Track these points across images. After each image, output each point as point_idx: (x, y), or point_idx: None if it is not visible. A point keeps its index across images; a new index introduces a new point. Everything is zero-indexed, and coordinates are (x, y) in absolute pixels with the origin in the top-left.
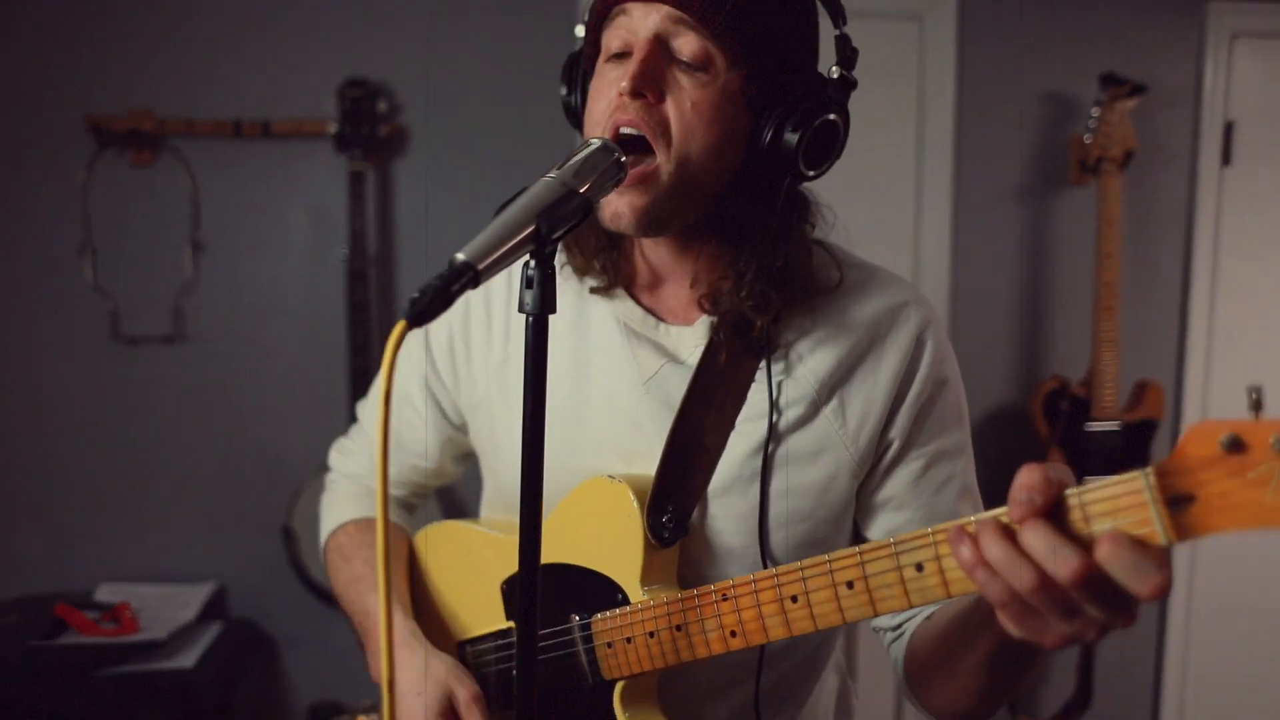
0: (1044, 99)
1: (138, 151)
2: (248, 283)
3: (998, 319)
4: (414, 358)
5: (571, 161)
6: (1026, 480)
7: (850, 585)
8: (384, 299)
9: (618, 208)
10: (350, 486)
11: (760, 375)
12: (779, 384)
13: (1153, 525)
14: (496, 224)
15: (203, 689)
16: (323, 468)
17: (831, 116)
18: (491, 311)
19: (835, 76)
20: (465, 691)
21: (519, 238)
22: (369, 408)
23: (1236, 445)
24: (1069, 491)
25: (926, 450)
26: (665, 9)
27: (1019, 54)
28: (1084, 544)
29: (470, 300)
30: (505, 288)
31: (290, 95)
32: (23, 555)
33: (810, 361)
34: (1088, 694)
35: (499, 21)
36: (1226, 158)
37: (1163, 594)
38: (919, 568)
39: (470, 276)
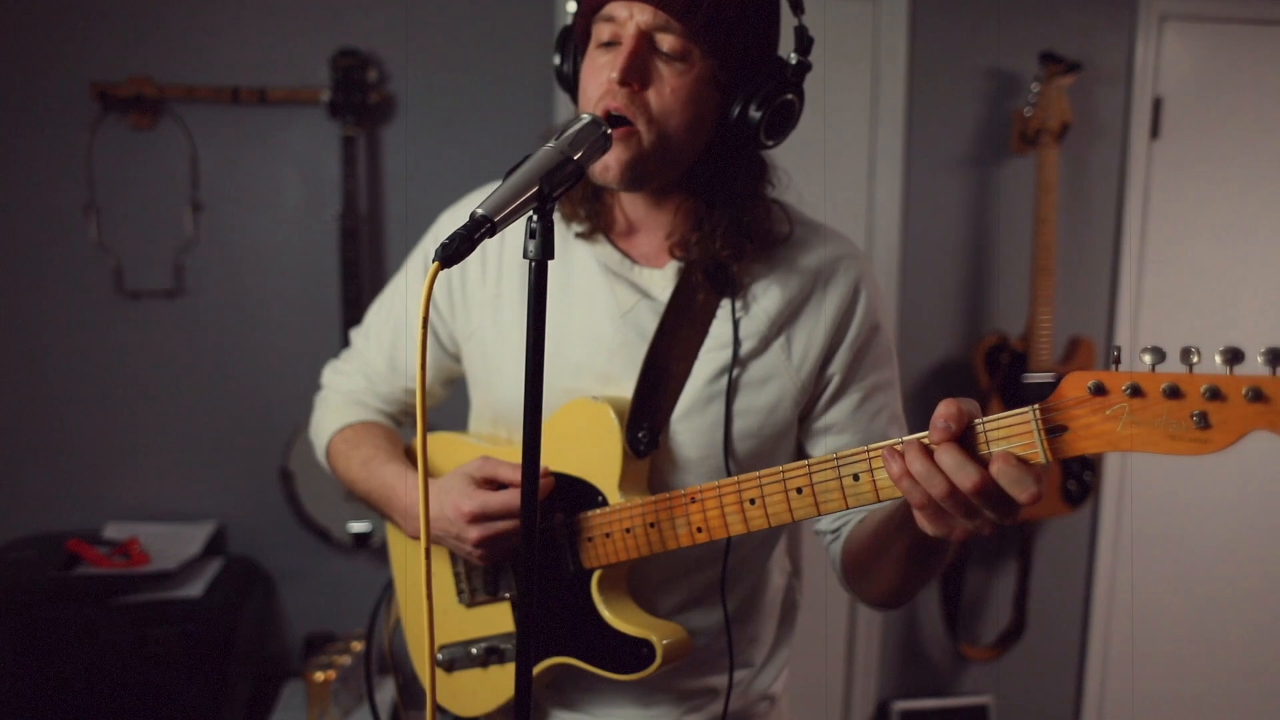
0: (988, 75)
1: (140, 116)
2: (245, 240)
3: (944, 279)
4: (416, 290)
5: (567, 133)
6: (944, 411)
7: (799, 491)
8: (374, 255)
9: (606, 161)
10: (343, 400)
11: (721, 312)
12: (737, 321)
13: (1036, 448)
14: (507, 185)
15: (210, 616)
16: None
17: (789, 96)
18: (485, 252)
19: (794, 62)
20: (475, 464)
21: (526, 196)
22: (363, 333)
23: (1100, 389)
24: (976, 421)
25: (864, 384)
26: (650, 9)
27: (966, 33)
28: (983, 462)
29: None
30: (498, 237)
31: (285, 64)
32: (34, 495)
33: (764, 302)
34: (1022, 624)
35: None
36: (1155, 131)
37: (1036, 501)
38: (855, 478)
39: (488, 227)
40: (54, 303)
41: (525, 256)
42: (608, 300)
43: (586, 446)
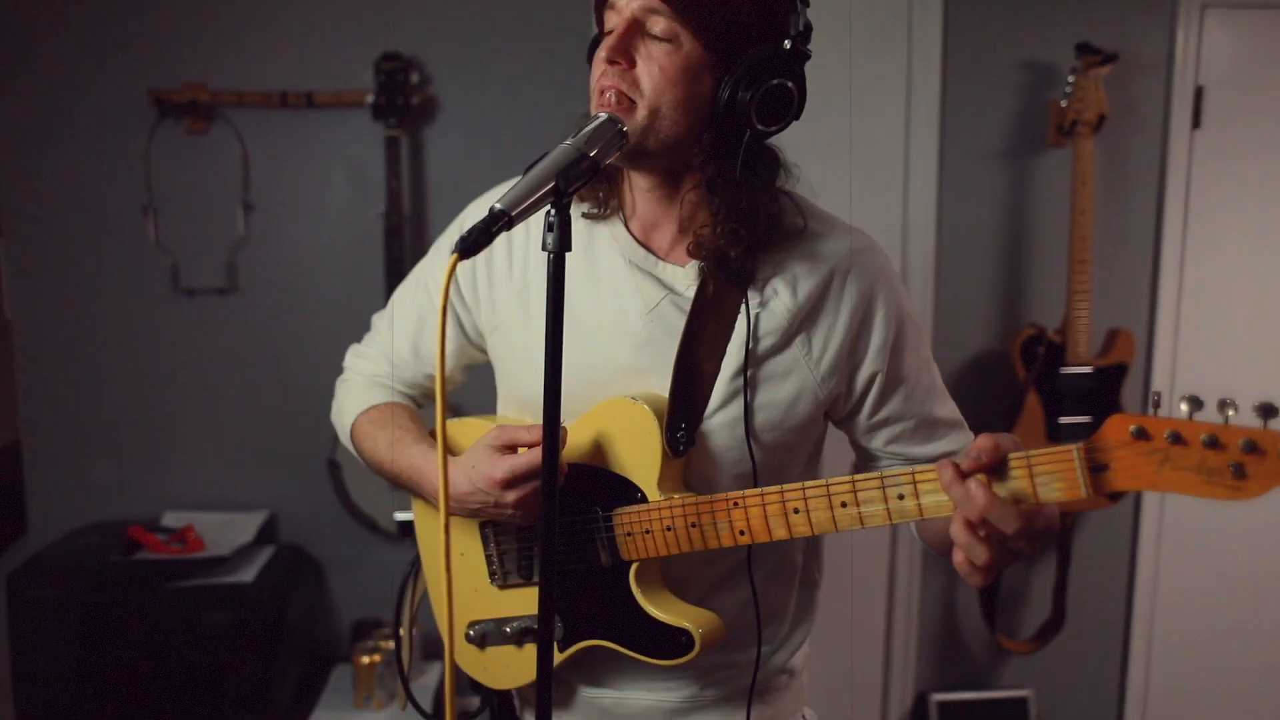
0: (1024, 67)
1: (194, 121)
2: (293, 239)
3: (980, 271)
4: (438, 279)
5: (584, 131)
6: (981, 443)
7: (844, 505)
8: (417, 252)
9: None
10: (367, 382)
11: (744, 308)
12: (757, 316)
13: (1079, 484)
14: (525, 180)
15: (261, 600)
16: None
17: (784, 81)
18: (513, 246)
19: (788, 48)
20: (497, 431)
21: (543, 191)
22: (386, 319)
23: (1142, 434)
24: (1016, 455)
25: (908, 374)
26: None
27: (1001, 24)
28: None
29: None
30: (523, 226)
31: (331, 69)
32: (98, 485)
33: (784, 296)
34: (1061, 616)
35: (520, 2)
36: (1197, 121)
37: (1024, 537)
38: (900, 496)
39: (505, 221)
40: (114, 300)
41: (544, 249)
42: (634, 295)
43: (626, 445)
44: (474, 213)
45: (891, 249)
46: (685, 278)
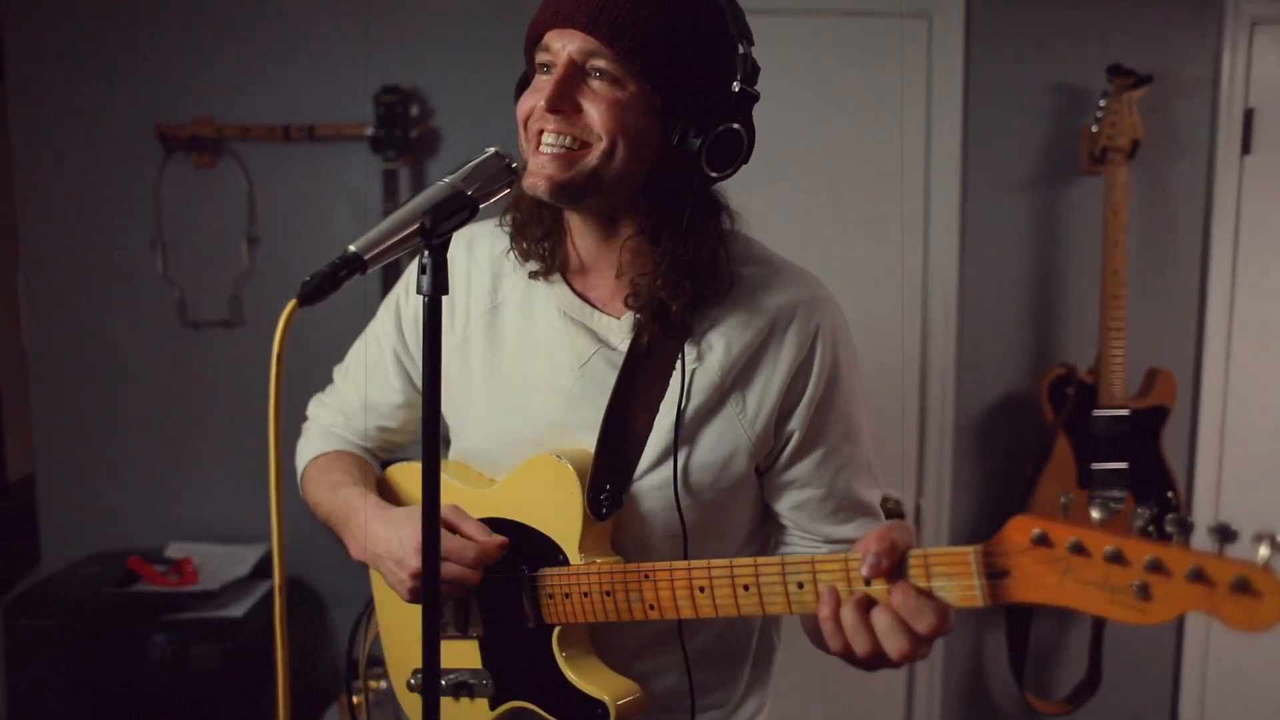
0: (1053, 90)
1: (200, 155)
2: (298, 272)
3: (1006, 307)
4: (387, 331)
5: (465, 167)
6: (875, 546)
7: (746, 588)
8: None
9: (536, 180)
10: (322, 432)
11: (679, 364)
12: (692, 371)
13: (975, 590)
14: (387, 221)
15: (250, 636)
16: None
17: (733, 125)
18: (455, 295)
19: (737, 90)
20: (445, 509)
21: (406, 232)
22: (343, 371)
23: (1043, 540)
24: (915, 551)
25: (827, 438)
26: (580, 35)
27: (1027, 47)
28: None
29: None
30: (464, 277)
31: (333, 101)
32: (104, 514)
33: (719, 350)
34: (1097, 676)
35: (519, 33)
36: (1246, 146)
37: (936, 634)
38: (799, 585)
39: (358, 265)
40: (124, 333)
41: (418, 292)
42: (566, 350)
43: (550, 504)
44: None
45: (911, 283)
46: (620, 330)
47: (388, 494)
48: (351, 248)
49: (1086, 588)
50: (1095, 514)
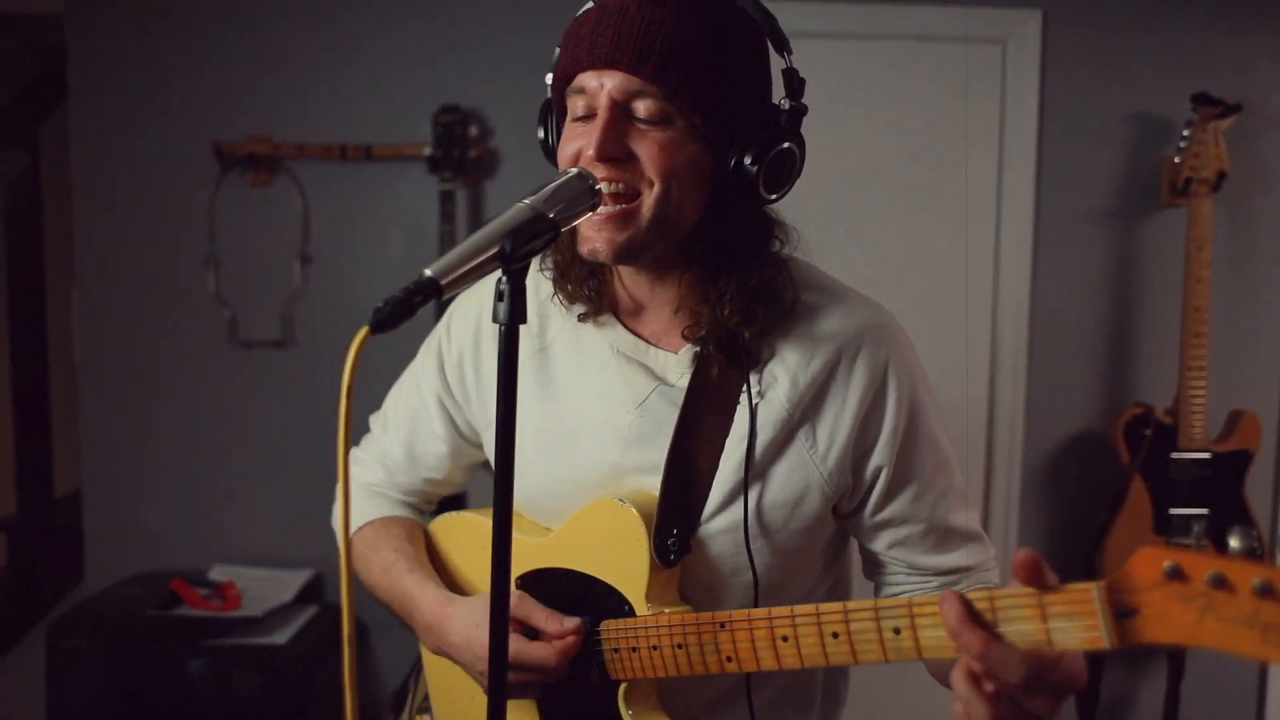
0: (1132, 120)
1: (256, 173)
2: (349, 293)
3: (1079, 343)
4: (429, 377)
5: (546, 188)
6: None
7: (835, 636)
8: None
9: (595, 244)
10: (364, 492)
11: (744, 397)
12: (756, 406)
13: (1100, 631)
14: (465, 244)
15: (291, 665)
16: None
17: (786, 145)
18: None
19: (786, 107)
20: (516, 601)
21: (484, 256)
22: (381, 422)
23: (1176, 574)
24: (1026, 592)
25: (918, 472)
26: (621, 75)
27: (1106, 75)
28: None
29: (482, 323)
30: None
31: (391, 121)
32: (150, 534)
33: (784, 382)
34: None
35: None
36: None
37: (1024, 685)
38: (896, 631)
39: (433, 291)
40: (174, 351)
41: (494, 320)
42: (622, 389)
43: (615, 552)
44: (461, 305)
45: (980, 317)
46: (678, 365)
47: (432, 551)
48: (427, 272)
49: (1232, 627)
50: (1235, 543)
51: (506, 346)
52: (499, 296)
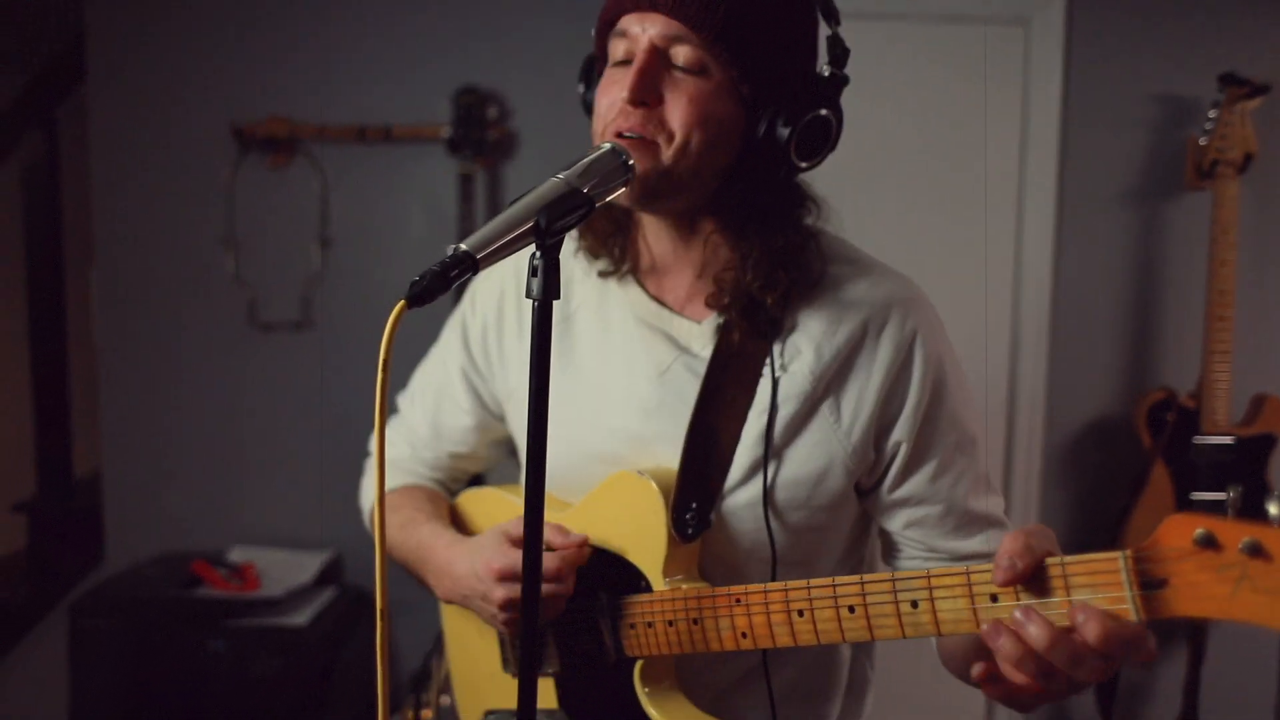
0: (1157, 101)
1: (275, 154)
2: (368, 275)
3: (1102, 326)
4: (454, 350)
5: (579, 163)
6: (1010, 547)
7: (851, 610)
8: None
9: None
10: (389, 469)
11: (766, 370)
12: (778, 380)
13: (1126, 603)
14: (499, 218)
15: (311, 646)
16: None
17: (822, 112)
18: (523, 307)
19: (826, 75)
20: (514, 522)
21: (519, 231)
22: (408, 398)
23: (1208, 542)
24: (1052, 560)
25: (939, 449)
26: (662, 19)
27: (1131, 55)
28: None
29: (505, 295)
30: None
31: (409, 102)
32: (171, 515)
33: (808, 355)
34: (1193, 718)
35: None
36: None
37: (1141, 659)
38: (914, 604)
39: (469, 265)
40: (193, 333)
41: (528, 296)
42: (644, 358)
43: (631, 524)
44: (484, 282)
45: (1002, 298)
46: (701, 335)
47: (459, 525)
48: (463, 246)
49: (1270, 598)
50: (1273, 509)
51: (539, 322)
52: (533, 272)
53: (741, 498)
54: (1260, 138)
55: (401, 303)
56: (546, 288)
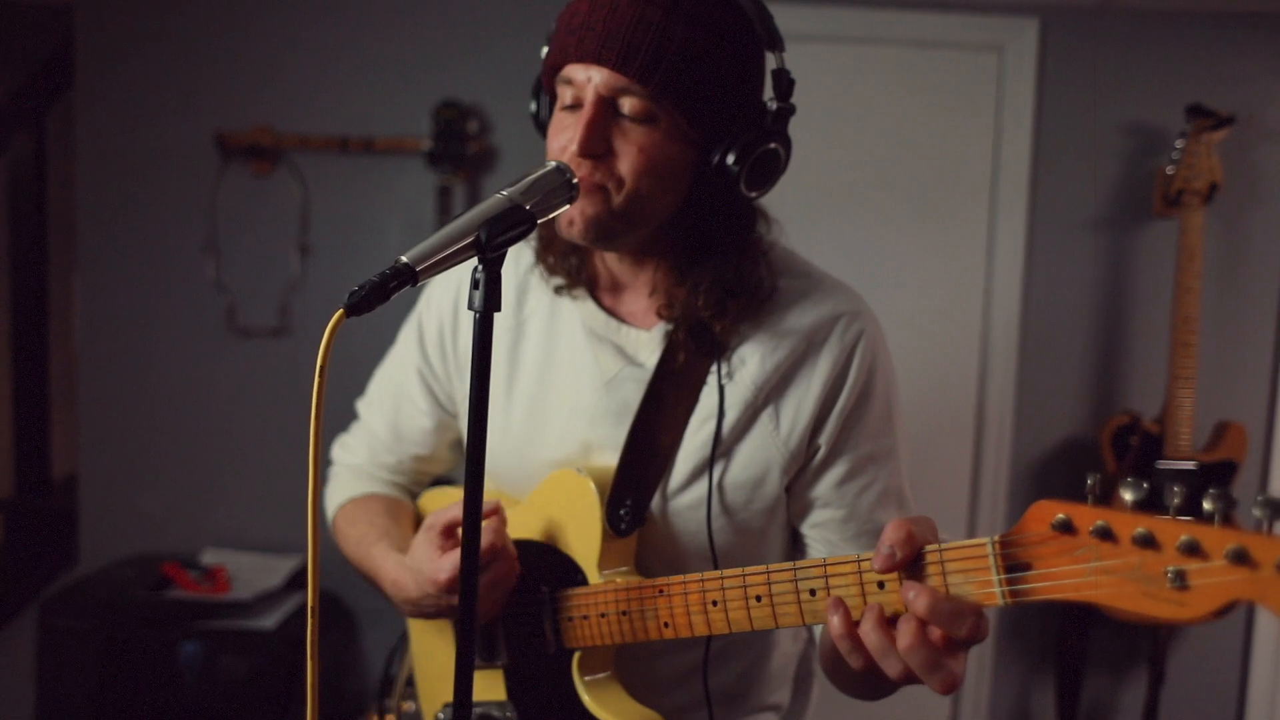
0: (1126, 130)
1: (259, 163)
2: (347, 284)
3: (1069, 350)
4: (410, 353)
5: (524, 180)
6: (891, 536)
7: (759, 599)
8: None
9: (571, 214)
10: (350, 474)
11: (711, 379)
12: (724, 388)
13: (994, 588)
14: (442, 232)
15: (279, 649)
16: None
17: (770, 146)
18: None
19: (773, 108)
20: (434, 518)
21: (460, 245)
22: (366, 403)
23: (1065, 527)
24: (929, 548)
25: (851, 456)
26: (607, 71)
27: (1102, 84)
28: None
29: (460, 298)
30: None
31: (391, 115)
32: (144, 517)
33: (751, 366)
34: None
35: None
36: None
37: (978, 638)
38: (812, 593)
39: (409, 277)
40: (172, 337)
41: (470, 308)
42: (590, 366)
43: (570, 521)
44: (440, 284)
45: (971, 322)
46: (649, 343)
47: (420, 522)
48: (403, 258)
49: (1117, 580)
50: (1128, 495)
51: (480, 335)
52: (474, 285)
53: (685, 500)
54: (1226, 168)
55: (340, 311)
56: (488, 301)
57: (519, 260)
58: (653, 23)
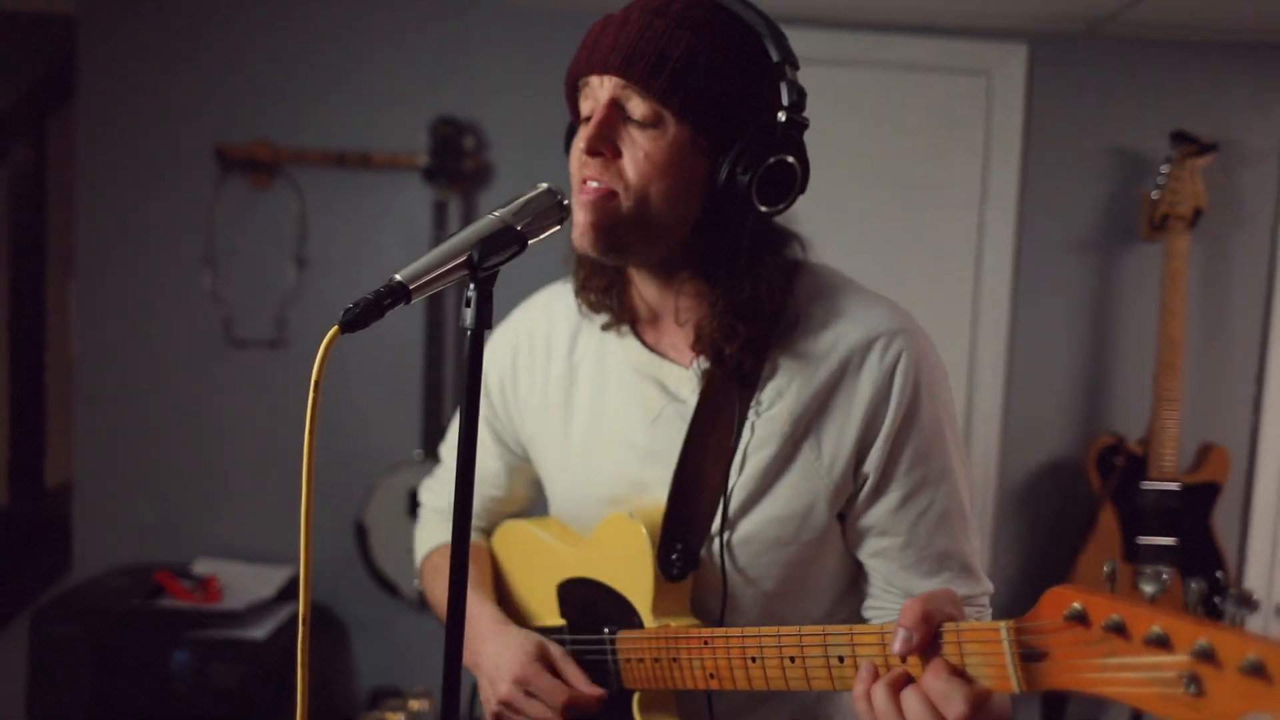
0: (1113, 155)
1: (258, 175)
2: (342, 297)
3: (1056, 372)
4: (484, 401)
5: (515, 201)
6: (907, 619)
7: (792, 660)
8: (458, 319)
9: (580, 222)
10: (437, 518)
11: (749, 413)
12: (752, 423)
13: (1009, 673)
14: (435, 251)
15: (270, 659)
16: (394, 469)
17: (784, 157)
18: (535, 361)
19: (782, 119)
20: (556, 649)
21: (452, 264)
22: (447, 447)
23: (1079, 618)
24: (947, 627)
25: (905, 481)
26: (614, 78)
27: (1089, 110)
28: (959, 673)
29: (518, 351)
30: (545, 341)
31: (388, 131)
32: (138, 526)
33: (788, 397)
34: None
35: None
36: None
37: None
38: (840, 659)
39: (402, 295)
40: (169, 348)
41: (462, 326)
42: (638, 406)
43: (625, 565)
44: (519, 318)
45: (959, 343)
46: (689, 380)
47: (493, 557)
48: (397, 277)
49: (1133, 677)
50: (1147, 588)
51: (472, 351)
52: (466, 303)
53: (735, 539)
54: (1210, 193)
55: (335, 328)
56: (479, 318)
57: (571, 300)
58: (659, 31)
